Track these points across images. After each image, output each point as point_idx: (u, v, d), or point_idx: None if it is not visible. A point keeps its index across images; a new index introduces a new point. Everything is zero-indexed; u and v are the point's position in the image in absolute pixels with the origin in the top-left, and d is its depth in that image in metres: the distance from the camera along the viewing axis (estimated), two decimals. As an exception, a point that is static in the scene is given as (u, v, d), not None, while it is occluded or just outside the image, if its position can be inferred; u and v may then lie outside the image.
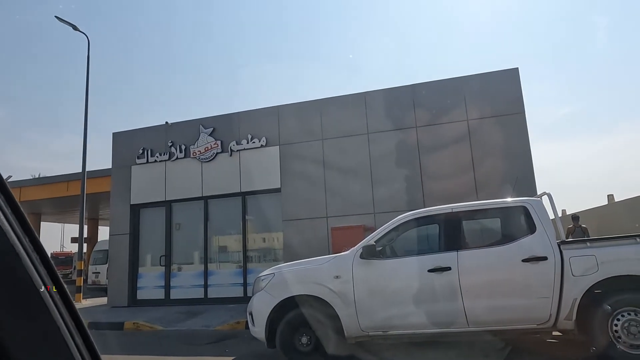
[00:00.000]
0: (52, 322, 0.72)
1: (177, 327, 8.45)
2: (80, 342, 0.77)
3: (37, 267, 0.73)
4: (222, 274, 11.27)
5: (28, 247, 0.74)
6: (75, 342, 0.75)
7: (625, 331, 4.18)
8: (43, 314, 0.72)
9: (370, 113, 10.43)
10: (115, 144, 12.60)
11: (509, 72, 9.87)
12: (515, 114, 9.59)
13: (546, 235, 4.60)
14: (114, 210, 12.32)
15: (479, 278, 4.65)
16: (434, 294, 4.66)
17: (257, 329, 5.07)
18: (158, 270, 11.69)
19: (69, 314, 0.76)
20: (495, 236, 5.62)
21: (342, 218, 10.01)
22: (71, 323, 0.76)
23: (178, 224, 11.96)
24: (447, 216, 5.02)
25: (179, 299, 11.23)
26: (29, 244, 0.74)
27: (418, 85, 10.36)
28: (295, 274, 5.16)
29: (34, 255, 0.74)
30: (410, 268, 4.84)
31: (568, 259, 4.44)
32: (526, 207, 4.83)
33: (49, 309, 0.72)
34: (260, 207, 11.21)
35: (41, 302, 0.72)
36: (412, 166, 9.91)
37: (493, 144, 9.55)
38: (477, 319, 4.54)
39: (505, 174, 8.94)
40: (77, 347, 0.75)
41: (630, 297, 4.25)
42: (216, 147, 11.41)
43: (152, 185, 11.92)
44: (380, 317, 4.74)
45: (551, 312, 4.41)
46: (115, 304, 11.54)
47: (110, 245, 12.48)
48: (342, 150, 10.44)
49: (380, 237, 5.03)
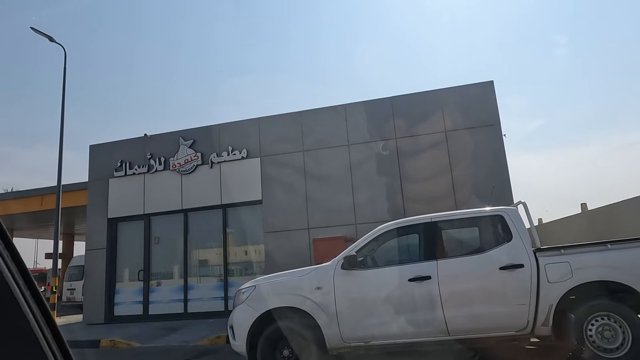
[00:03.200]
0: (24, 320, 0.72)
1: (155, 343, 8.24)
2: (51, 340, 0.76)
3: (9, 265, 0.73)
4: (203, 288, 11.09)
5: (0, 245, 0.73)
6: (47, 340, 0.75)
7: (600, 335, 4.28)
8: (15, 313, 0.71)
9: (351, 125, 10.54)
10: (92, 157, 12.36)
11: (485, 84, 10.15)
12: (491, 125, 9.84)
13: (522, 243, 4.71)
14: (91, 225, 12.03)
15: (458, 286, 4.71)
16: (414, 303, 4.69)
17: (238, 342, 4.99)
18: (136, 285, 11.42)
19: (40, 313, 0.75)
20: (473, 245, 5.71)
21: (324, 229, 10.02)
22: (42, 321, 0.75)
23: (157, 237, 11.75)
24: (427, 226, 5.09)
25: (157, 315, 10.98)
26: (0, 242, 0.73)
27: (397, 97, 10.54)
28: (276, 286, 5.13)
29: (5, 253, 0.73)
30: (391, 278, 4.86)
31: (544, 266, 4.55)
32: (502, 216, 4.93)
33: (21, 308, 0.72)
34: (242, 220, 11.12)
35: (14, 300, 0.71)
36: (392, 177, 10.03)
37: (470, 154, 9.76)
38: (457, 327, 4.59)
39: (482, 184, 9.13)
40: (48, 344, 0.75)
41: (603, 303, 4.37)
42: (196, 159, 11.31)
43: (131, 199, 11.71)
44: (361, 328, 4.73)
45: (529, 318, 4.49)
46: (91, 321, 11.21)
47: (86, 261, 12.15)
48: (323, 161, 10.50)
49: (361, 248, 5.06)
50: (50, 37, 13.02)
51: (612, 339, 4.26)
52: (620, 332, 4.26)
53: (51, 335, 0.77)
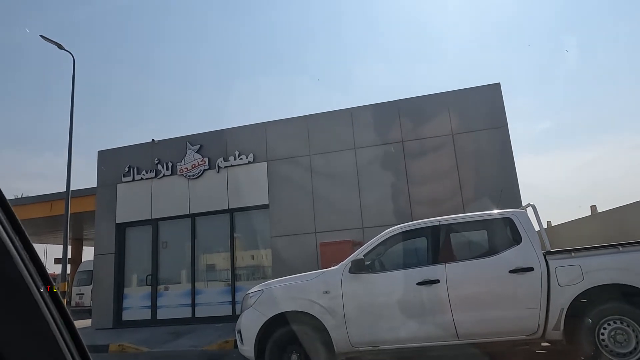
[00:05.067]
0: (44, 321, 0.72)
1: (164, 348, 8.26)
2: (69, 341, 0.76)
3: (28, 266, 0.73)
4: (210, 293, 11.10)
5: (19, 246, 0.74)
6: (65, 341, 0.75)
7: (612, 340, 4.22)
8: (34, 314, 0.72)
9: (357, 128, 10.54)
10: (100, 162, 12.46)
11: (491, 87, 10.10)
12: (498, 127, 9.78)
13: (532, 246, 4.66)
14: (99, 230, 12.11)
15: (467, 290, 4.67)
16: (423, 307, 4.65)
17: (246, 347, 4.99)
18: (144, 290, 11.47)
19: (59, 314, 0.76)
20: (482, 248, 5.66)
21: (331, 233, 10.00)
22: (61, 322, 0.76)
23: (165, 242, 11.79)
24: (435, 229, 5.06)
25: (165, 319, 11.00)
26: (19, 244, 0.74)
27: (403, 100, 10.53)
28: (284, 290, 5.12)
29: (24, 254, 0.74)
30: (399, 281, 4.84)
31: (554, 269, 4.49)
32: (511, 219, 4.89)
33: (40, 309, 0.72)
34: (249, 224, 11.14)
35: (33, 301, 0.72)
36: (399, 180, 9.99)
37: (478, 157, 9.71)
38: (467, 331, 4.55)
39: (490, 187, 9.07)
40: (67, 346, 0.75)
41: (615, 306, 4.30)
42: (203, 164, 11.36)
43: (138, 204, 11.78)
44: (370, 332, 4.71)
45: (539, 322, 4.44)
46: (100, 325, 11.25)
47: (94, 266, 12.22)
48: (329, 165, 10.49)
49: (369, 251, 5.04)
50: (59, 45, 13.19)
51: (625, 343, 4.19)
52: (633, 336, 4.19)
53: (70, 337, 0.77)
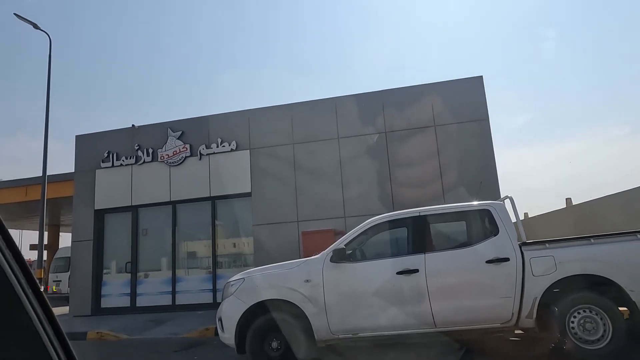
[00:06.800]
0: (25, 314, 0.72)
1: (143, 335, 8.22)
2: (52, 333, 0.76)
3: (10, 263, 0.73)
4: (191, 280, 11.06)
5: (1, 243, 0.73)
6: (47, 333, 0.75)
7: (581, 327, 4.39)
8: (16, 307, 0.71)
9: (341, 118, 10.54)
10: (78, 147, 12.16)
11: (474, 80, 10.21)
12: (479, 120, 9.92)
13: (508, 237, 4.78)
14: (77, 216, 11.88)
15: (445, 280, 4.78)
16: (402, 296, 4.74)
17: (227, 335, 5.01)
18: (123, 277, 11.34)
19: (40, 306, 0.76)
20: (461, 238, 5.79)
21: (313, 222, 10.05)
22: (43, 316, 0.76)
23: (145, 229, 11.65)
24: (415, 219, 5.14)
25: (145, 307, 10.92)
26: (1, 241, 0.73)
27: (386, 91, 10.56)
28: (265, 279, 5.14)
29: (6, 252, 0.73)
30: (380, 271, 4.91)
31: (529, 259, 4.63)
32: (490, 211, 5.00)
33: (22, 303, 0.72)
34: (231, 212, 11.09)
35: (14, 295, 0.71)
36: (382, 170, 10.07)
37: (459, 149, 9.85)
38: (444, 319, 4.66)
39: (470, 179, 9.23)
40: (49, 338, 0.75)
41: (585, 295, 4.48)
42: (185, 150, 11.22)
43: (118, 190, 11.58)
44: (350, 320, 4.78)
45: (513, 311, 4.58)
46: (78, 313, 11.11)
47: (72, 252, 12.01)
48: (312, 154, 10.49)
49: (350, 241, 5.09)
50: (34, 24, 12.74)
51: (594, 330, 4.37)
52: (601, 324, 4.37)
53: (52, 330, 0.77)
